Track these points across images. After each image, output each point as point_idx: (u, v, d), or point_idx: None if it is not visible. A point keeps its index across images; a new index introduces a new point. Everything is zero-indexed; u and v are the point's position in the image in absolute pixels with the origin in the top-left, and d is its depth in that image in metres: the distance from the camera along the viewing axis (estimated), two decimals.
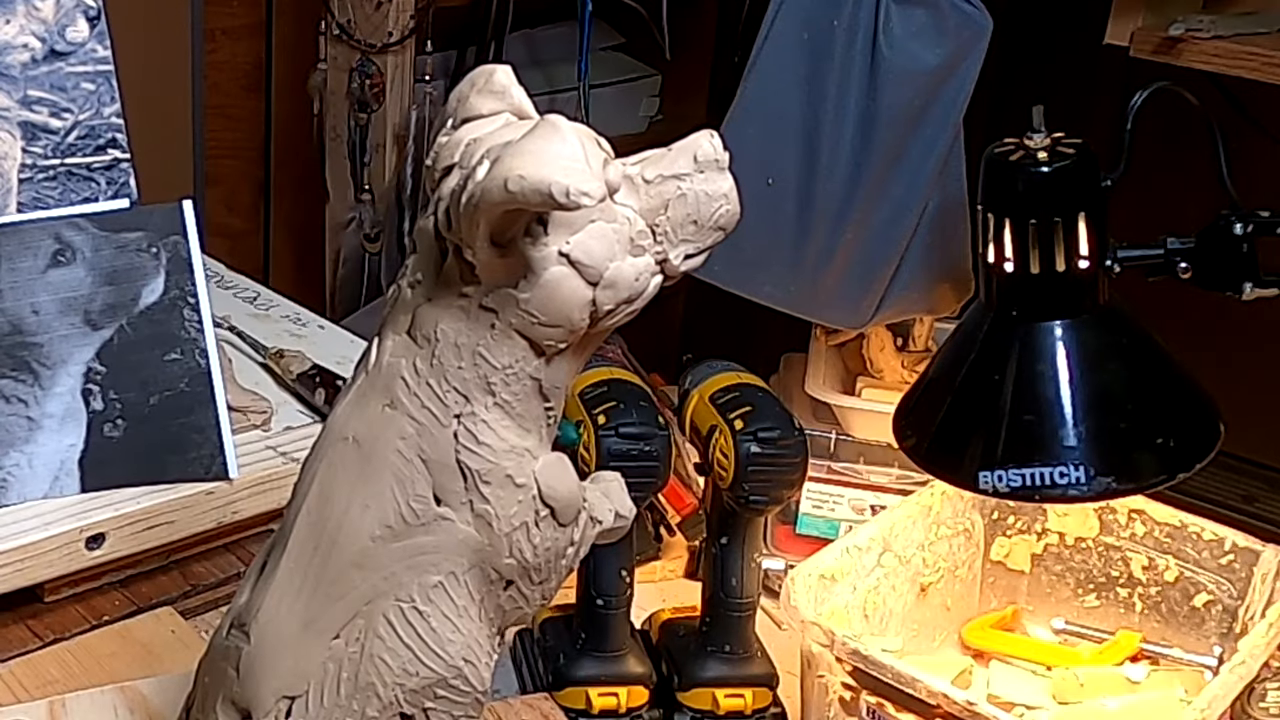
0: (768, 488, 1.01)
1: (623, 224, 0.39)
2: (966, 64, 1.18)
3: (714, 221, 0.40)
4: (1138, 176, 0.97)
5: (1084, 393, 0.92)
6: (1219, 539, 1.10)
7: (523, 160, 0.35)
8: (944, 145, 1.20)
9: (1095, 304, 0.94)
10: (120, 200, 1.13)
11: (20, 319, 1.04)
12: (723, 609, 1.06)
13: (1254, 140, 1.24)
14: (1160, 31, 1.20)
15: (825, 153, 1.19)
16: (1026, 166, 0.92)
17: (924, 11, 1.17)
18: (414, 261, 0.41)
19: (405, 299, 0.41)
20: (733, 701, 1.05)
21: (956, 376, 0.97)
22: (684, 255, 0.40)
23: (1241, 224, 0.96)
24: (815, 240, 1.21)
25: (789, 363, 1.43)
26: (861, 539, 1.07)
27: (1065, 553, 1.17)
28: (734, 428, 1.01)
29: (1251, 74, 1.16)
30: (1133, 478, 0.92)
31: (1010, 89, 1.44)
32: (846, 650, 0.94)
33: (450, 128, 0.41)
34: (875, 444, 1.28)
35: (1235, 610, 1.08)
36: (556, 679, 1.04)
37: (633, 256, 0.39)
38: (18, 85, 1.10)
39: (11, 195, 1.09)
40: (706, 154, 0.40)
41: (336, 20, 1.41)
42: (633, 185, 0.39)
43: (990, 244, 0.94)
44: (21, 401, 1.04)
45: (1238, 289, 0.96)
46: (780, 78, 1.19)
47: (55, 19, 1.11)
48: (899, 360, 1.35)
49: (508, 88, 0.40)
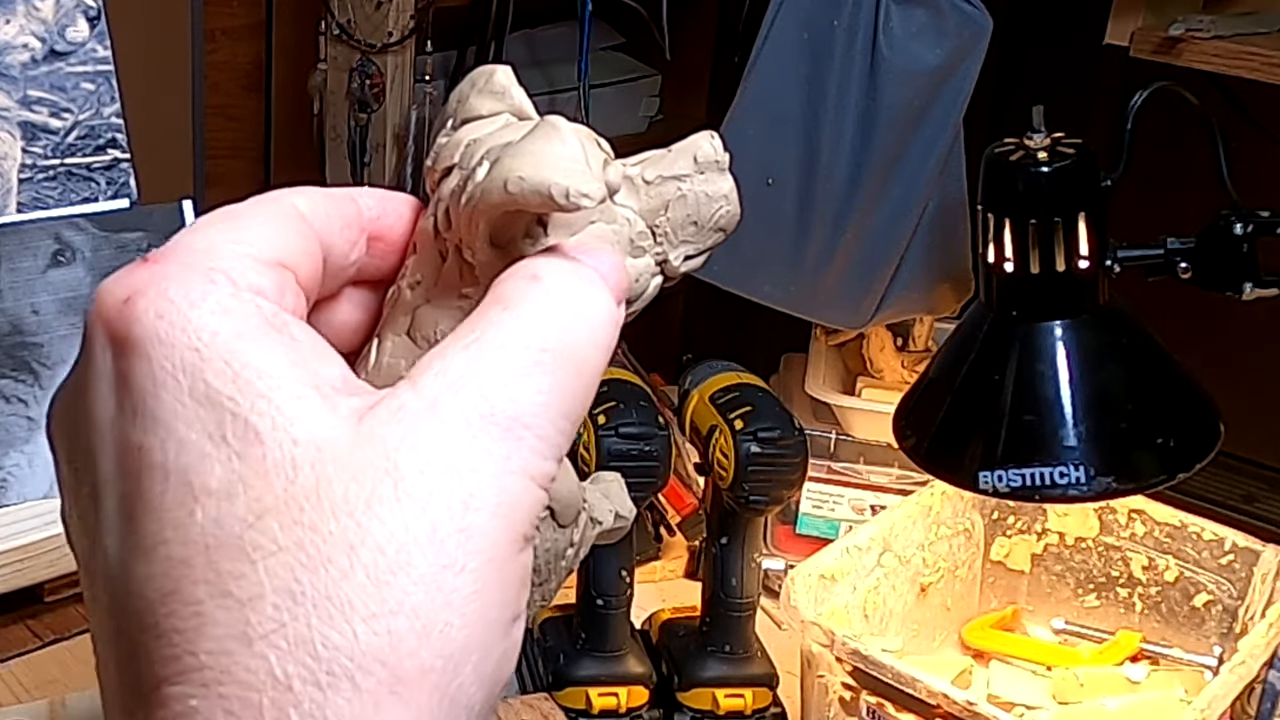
0: (768, 488, 1.01)
1: (622, 225, 0.39)
2: (966, 64, 1.18)
3: (714, 223, 0.40)
4: (1138, 176, 0.97)
5: (1084, 393, 0.92)
6: (1219, 539, 1.10)
7: (522, 161, 0.35)
8: (944, 145, 1.20)
9: (1095, 304, 0.94)
10: (120, 200, 1.13)
11: (20, 319, 1.04)
12: (723, 609, 1.06)
13: (1254, 140, 1.24)
14: (1160, 31, 1.20)
15: (825, 153, 1.19)
16: (1026, 166, 0.92)
17: (924, 11, 1.17)
18: (413, 262, 0.40)
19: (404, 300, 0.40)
20: (733, 701, 1.05)
21: (956, 376, 0.97)
22: (684, 256, 0.40)
23: (1241, 224, 0.96)
24: (815, 240, 1.21)
25: (789, 363, 1.43)
26: (861, 539, 1.07)
27: (1065, 553, 1.17)
28: (734, 428, 1.01)
29: (1251, 74, 1.16)
30: (1133, 478, 0.92)
31: (1010, 89, 1.44)
32: (846, 650, 0.94)
33: (450, 128, 0.41)
34: (875, 444, 1.28)
35: (1235, 610, 1.08)
36: (556, 679, 1.04)
37: (633, 258, 0.39)
38: (18, 85, 1.10)
39: (11, 195, 1.09)
40: (707, 155, 0.40)
41: (336, 20, 1.41)
42: (633, 186, 0.39)
43: (990, 244, 0.94)
44: (21, 401, 1.04)
45: (1238, 289, 0.96)
46: (780, 78, 1.19)
47: (55, 19, 1.11)
48: (899, 360, 1.35)
49: (508, 88, 0.40)
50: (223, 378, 0.30)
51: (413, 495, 0.30)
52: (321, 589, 0.29)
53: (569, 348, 0.32)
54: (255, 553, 0.29)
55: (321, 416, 0.30)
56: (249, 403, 0.30)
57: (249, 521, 0.29)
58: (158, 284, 0.32)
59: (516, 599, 0.31)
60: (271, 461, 0.30)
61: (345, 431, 0.30)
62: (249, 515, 0.29)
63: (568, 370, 0.32)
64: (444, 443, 0.30)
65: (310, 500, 0.29)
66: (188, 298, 0.31)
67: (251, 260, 0.33)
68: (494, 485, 0.30)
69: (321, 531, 0.29)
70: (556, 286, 0.33)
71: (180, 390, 0.30)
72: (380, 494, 0.30)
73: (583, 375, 0.33)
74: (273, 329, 0.32)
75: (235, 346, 0.31)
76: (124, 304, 0.31)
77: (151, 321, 0.31)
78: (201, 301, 0.31)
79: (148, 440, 0.30)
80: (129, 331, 0.31)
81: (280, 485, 0.30)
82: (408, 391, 0.31)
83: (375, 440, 0.30)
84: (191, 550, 0.30)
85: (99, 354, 0.32)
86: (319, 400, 0.31)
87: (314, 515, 0.29)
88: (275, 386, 0.30)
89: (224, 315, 0.31)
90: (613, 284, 0.34)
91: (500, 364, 0.32)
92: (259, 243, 0.34)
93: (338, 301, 0.40)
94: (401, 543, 0.29)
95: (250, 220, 0.35)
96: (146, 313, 0.31)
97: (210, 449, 0.30)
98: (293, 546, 0.29)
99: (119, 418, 0.31)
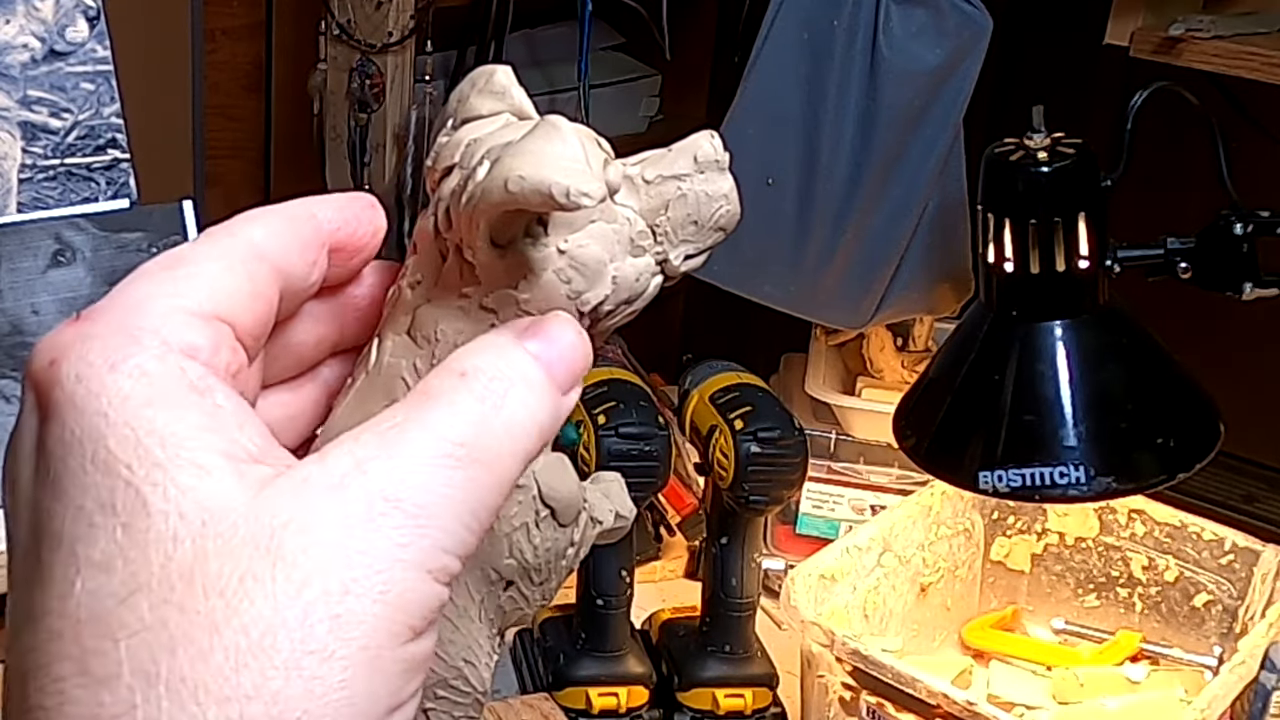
0: (768, 488, 1.02)
1: (623, 224, 0.39)
2: (966, 64, 1.18)
3: (714, 222, 0.40)
4: (1138, 176, 0.97)
5: (1084, 393, 0.92)
6: (1219, 539, 1.10)
7: (523, 161, 0.35)
8: (944, 145, 1.20)
9: (1095, 304, 0.94)
10: (120, 200, 1.13)
11: (20, 319, 1.04)
12: (723, 609, 1.06)
13: (1254, 140, 1.24)
14: (1160, 31, 1.20)
15: (825, 153, 1.19)
16: (1026, 166, 0.92)
17: (924, 11, 1.17)
18: (413, 262, 0.40)
19: (405, 299, 0.40)
20: (733, 701, 1.05)
21: (956, 376, 0.97)
22: (684, 256, 0.40)
23: (1241, 224, 0.96)
24: (815, 240, 1.21)
25: (789, 363, 1.43)
26: (861, 539, 1.07)
27: (1065, 553, 1.17)
28: (734, 428, 1.01)
29: (1251, 74, 1.16)
30: (1133, 478, 0.92)
31: (1010, 89, 1.44)
32: (846, 650, 0.94)
33: (450, 128, 0.40)
34: (875, 444, 1.28)
35: (1235, 610, 1.08)
36: (556, 679, 1.04)
37: (633, 257, 0.39)
38: (18, 85, 1.10)
39: (11, 195, 1.09)
40: (707, 154, 0.40)
41: (336, 20, 1.41)
42: (633, 185, 0.39)
43: (990, 244, 0.94)
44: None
45: (1238, 289, 0.96)
46: (780, 78, 1.19)
47: (55, 19, 1.11)
48: (899, 360, 1.35)
49: (508, 88, 0.40)
50: (124, 444, 0.29)
51: (290, 576, 0.28)
52: (177, 671, 0.28)
53: (485, 450, 0.31)
54: (120, 631, 0.28)
55: (222, 486, 0.29)
56: (144, 471, 0.29)
57: (121, 597, 0.28)
58: (81, 344, 0.31)
59: (396, 691, 0.30)
60: (154, 534, 0.29)
61: (240, 502, 0.29)
62: (122, 590, 0.29)
63: (480, 469, 0.31)
64: (338, 522, 0.29)
65: (184, 578, 0.28)
66: (108, 360, 0.30)
67: (185, 315, 0.32)
68: (383, 572, 0.29)
69: (189, 611, 0.28)
70: (482, 387, 0.32)
71: (84, 456, 0.30)
72: (255, 571, 0.28)
73: (496, 476, 0.32)
74: (193, 392, 0.31)
75: (142, 413, 0.30)
76: (49, 366, 0.31)
77: (71, 385, 0.30)
78: (121, 364, 0.30)
79: (54, 507, 0.30)
80: (50, 394, 0.31)
81: (158, 561, 0.29)
82: (314, 465, 0.30)
83: (264, 514, 0.29)
84: (65, 624, 0.29)
85: (26, 415, 0.31)
86: (226, 468, 0.30)
87: (184, 594, 0.28)
88: (174, 455, 0.29)
89: (140, 379, 0.30)
90: (559, 372, 0.34)
91: (413, 454, 0.31)
92: (198, 294, 0.33)
93: (296, 320, 0.39)
94: (269, 625, 0.28)
95: (194, 268, 0.34)
96: (68, 376, 0.30)
97: (99, 519, 0.29)
98: (157, 625, 0.28)
99: (34, 480, 0.31)
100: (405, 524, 0.30)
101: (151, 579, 0.29)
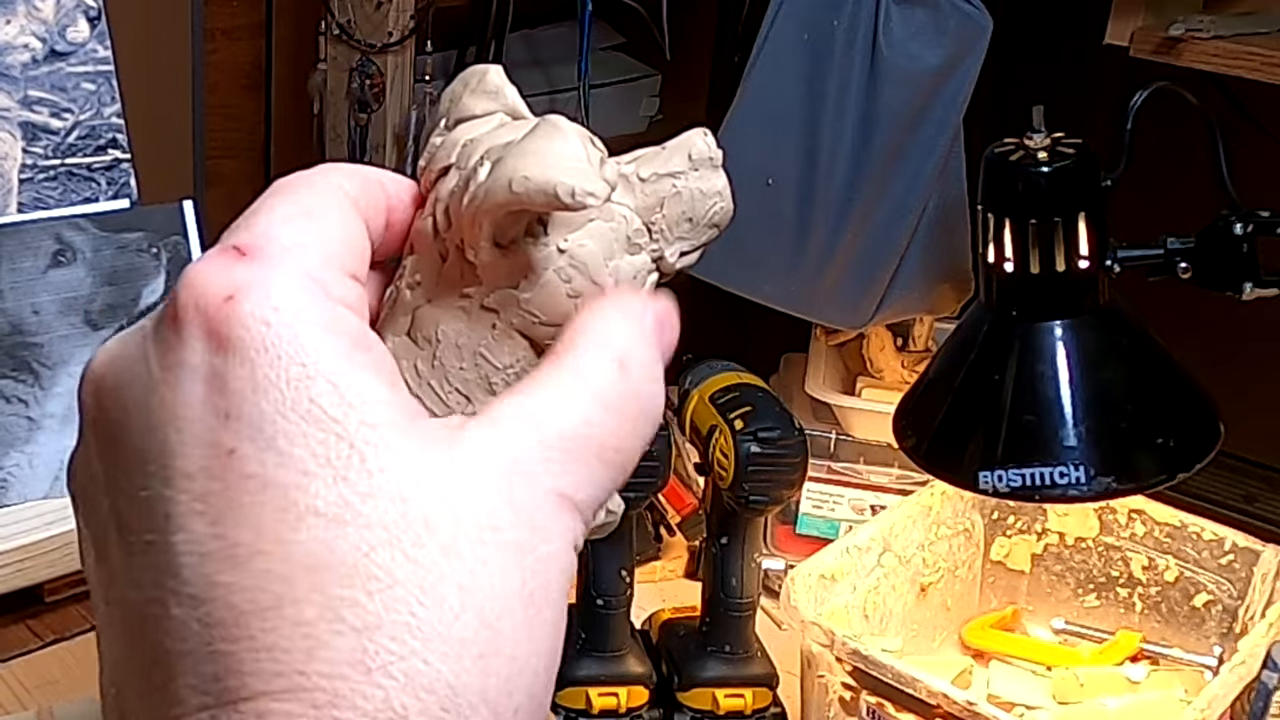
0: (768, 488, 1.01)
1: (619, 223, 0.39)
2: (966, 64, 1.18)
3: (709, 219, 0.40)
4: (1138, 176, 0.97)
5: (1084, 393, 0.92)
6: (1219, 539, 1.10)
7: (526, 161, 0.35)
8: (944, 145, 1.20)
9: (1095, 304, 0.94)
10: (120, 200, 1.13)
11: (21, 319, 1.04)
12: (723, 609, 1.06)
13: (1254, 140, 1.24)
14: (1160, 31, 1.20)
15: (825, 153, 1.19)
16: (1026, 166, 0.92)
17: (924, 11, 1.17)
18: (411, 262, 0.40)
19: (404, 300, 0.40)
20: (733, 701, 1.05)
21: (956, 376, 0.97)
22: (680, 253, 0.40)
23: (1241, 224, 0.96)
24: (815, 240, 1.21)
25: (789, 363, 1.43)
26: (861, 539, 1.07)
27: (1065, 553, 1.17)
28: (734, 428, 1.01)
29: (1251, 74, 1.16)
30: (1133, 478, 0.92)
31: (1010, 89, 1.44)
32: (846, 650, 0.94)
33: (444, 128, 0.41)
34: (875, 444, 1.28)
35: (1235, 610, 1.08)
36: (557, 679, 1.05)
37: (630, 255, 0.39)
38: (18, 85, 1.10)
39: (12, 195, 1.09)
40: (701, 152, 0.40)
41: (336, 20, 1.41)
42: (628, 184, 0.39)
43: (990, 244, 0.94)
44: (22, 402, 1.04)
45: (1238, 289, 0.96)
46: (780, 78, 1.19)
47: (55, 19, 1.11)
48: (899, 360, 1.35)
49: (501, 87, 0.40)
50: (328, 398, 0.30)
51: (509, 544, 0.31)
52: (437, 626, 0.29)
53: (631, 455, 0.35)
54: (371, 583, 0.29)
55: (422, 449, 0.31)
56: (354, 428, 0.30)
57: (363, 550, 0.29)
58: (262, 287, 0.31)
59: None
60: (382, 492, 0.30)
61: (443, 465, 0.31)
62: (362, 544, 0.30)
63: (621, 470, 0.35)
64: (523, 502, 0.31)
65: (421, 536, 0.30)
66: (293, 307, 0.31)
67: (337, 270, 0.33)
68: (565, 549, 0.32)
69: (435, 571, 0.30)
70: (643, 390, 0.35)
71: (283, 403, 0.30)
72: (484, 538, 0.30)
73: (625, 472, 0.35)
74: (361, 350, 0.32)
75: (340, 368, 0.31)
76: (226, 302, 0.31)
77: (257, 327, 0.31)
78: (306, 313, 0.31)
79: (243, 447, 0.30)
80: (230, 332, 0.31)
81: (392, 518, 0.30)
82: (485, 427, 0.32)
83: (475, 481, 0.31)
84: (293, 569, 0.29)
85: (192, 345, 0.31)
86: (414, 430, 0.31)
87: (427, 552, 0.30)
88: (378, 415, 0.31)
89: (328, 333, 0.31)
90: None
91: (584, 448, 0.33)
92: (340, 249, 0.34)
93: None
94: (505, 591, 0.30)
95: (325, 219, 0.34)
96: (251, 316, 0.31)
97: (315, 468, 0.30)
98: (407, 581, 0.29)
99: (207, 416, 0.30)
100: (570, 511, 0.33)
101: (389, 536, 0.30)
